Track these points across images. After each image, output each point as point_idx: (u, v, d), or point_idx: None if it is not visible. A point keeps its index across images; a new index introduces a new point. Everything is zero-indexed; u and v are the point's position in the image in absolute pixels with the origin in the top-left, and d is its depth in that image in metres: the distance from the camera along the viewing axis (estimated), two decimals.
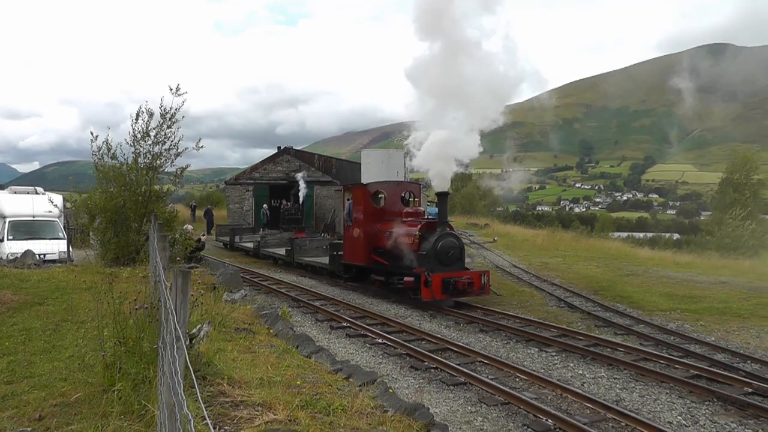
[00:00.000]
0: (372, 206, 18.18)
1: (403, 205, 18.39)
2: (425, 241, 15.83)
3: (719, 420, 7.93)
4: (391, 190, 18.75)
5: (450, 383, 9.22)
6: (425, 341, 11.93)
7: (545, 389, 9.11)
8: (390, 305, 16.18)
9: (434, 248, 15.50)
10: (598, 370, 10.10)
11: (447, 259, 15.63)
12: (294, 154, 45.45)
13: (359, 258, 18.07)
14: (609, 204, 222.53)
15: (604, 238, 41.73)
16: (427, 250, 15.58)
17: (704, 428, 7.71)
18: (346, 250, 18.96)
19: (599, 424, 7.74)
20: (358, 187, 18.95)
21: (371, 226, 17.80)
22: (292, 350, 8.83)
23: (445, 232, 15.95)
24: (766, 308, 14.56)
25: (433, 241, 15.57)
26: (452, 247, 15.82)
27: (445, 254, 15.62)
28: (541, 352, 11.30)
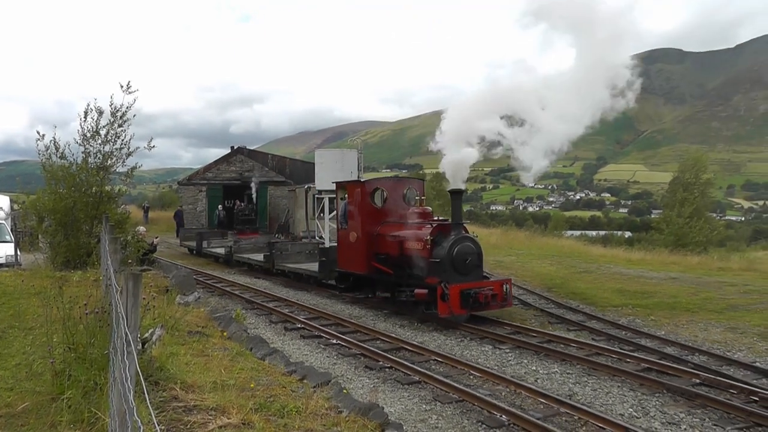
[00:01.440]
0: (371, 206, 16.01)
1: (405, 205, 16.25)
2: (438, 246, 13.77)
3: (668, 410, 8.16)
4: (392, 188, 16.54)
5: (405, 382, 9.28)
6: (380, 341, 11.98)
7: (499, 386, 9.22)
8: (344, 305, 16.19)
9: (449, 254, 13.47)
10: (552, 366, 10.26)
11: (464, 267, 13.63)
12: (247, 154, 45.15)
13: (357, 266, 15.93)
14: (562, 203, 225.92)
15: (557, 237, 42.33)
16: (441, 257, 13.52)
17: (654, 419, 7.91)
18: (341, 257, 16.72)
19: (553, 418, 7.87)
20: (353, 185, 16.62)
21: (370, 229, 15.66)
22: (246, 353, 8.79)
23: (461, 235, 13.94)
24: (713, 302, 14.92)
25: (447, 247, 13.53)
26: (470, 253, 13.79)
27: (462, 261, 13.61)
28: (495, 349, 11.42)
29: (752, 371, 9.86)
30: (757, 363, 10.27)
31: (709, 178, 47.21)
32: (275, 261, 21.50)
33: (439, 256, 13.60)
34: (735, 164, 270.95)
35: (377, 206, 16.24)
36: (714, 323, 13.17)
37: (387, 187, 16.48)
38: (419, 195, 16.38)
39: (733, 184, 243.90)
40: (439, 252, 13.69)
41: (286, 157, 50.57)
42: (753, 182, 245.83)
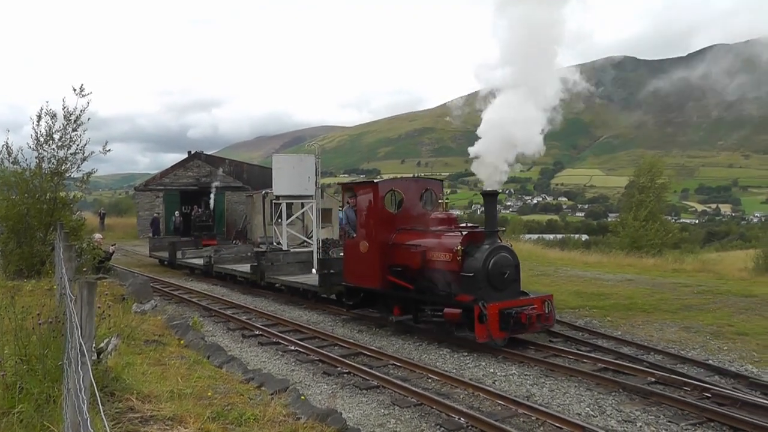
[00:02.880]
0: (385, 211, 14.02)
1: (423, 209, 14.46)
2: (470, 257, 11.84)
3: (624, 409, 8.32)
4: (409, 190, 14.51)
5: (363, 387, 9.29)
6: (338, 346, 11.98)
7: (458, 389, 9.29)
8: (302, 311, 16.10)
9: (485, 268, 11.61)
10: (510, 368, 10.36)
11: (501, 282, 11.79)
12: (205, 159, 44.89)
13: (369, 279, 13.95)
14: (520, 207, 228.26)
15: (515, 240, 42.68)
16: (474, 271, 11.65)
17: (611, 417, 8.06)
18: (349, 269, 14.68)
19: (511, 419, 7.96)
20: (363, 187, 14.56)
21: (385, 237, 13.62)
22: (204, 361, 8.76)
23: (496, 244, 12.05)
24: (668, 303, 15.21)
25: (482, 259, 11.67)
26: (508, 266, 11.92)
27: (499, 275, 11.75)
28: (453, 353, 11.49)
29: (705, 369, 10.09)
30: (710, 361, 10.52)
31: (663, 182, 48.19)
32: (265, 273, 19.10)
33: (473, 269, 11.71)
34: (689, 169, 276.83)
35: (392, 211, 14.26)
36: (669, 323, 13.43)
37: (402, 188, 14.51)
38: (438, 198, 14.60)
39: (687, 188, 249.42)
40: (471, 264, 11.77)
41: (244, 163, 50.43)
42: (706, 186, 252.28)
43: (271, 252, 20.73)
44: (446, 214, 13.68)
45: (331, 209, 37.74)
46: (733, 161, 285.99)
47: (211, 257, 23.26)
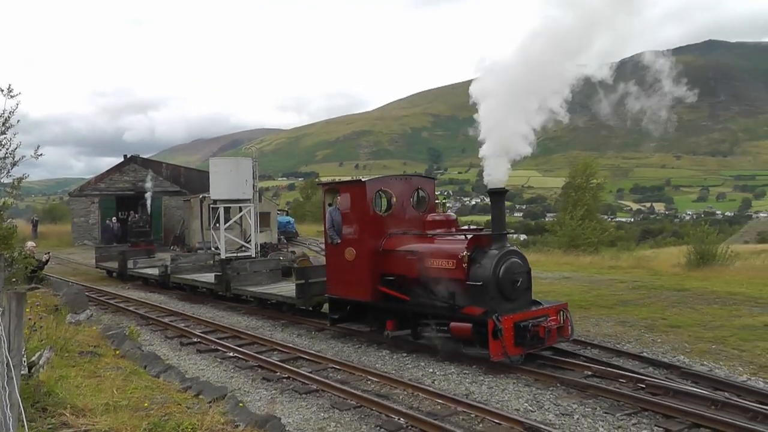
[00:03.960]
0: (374, 213, 12.64)
1: (415, 210, 13.27)
2: (477, 264, 10.55)
3: (562, 403, 8.50)
4: (400, 189, 13.09)
5: (302, 392, 9.29)
6: (277, 351, 11.94)
7: (397, 389, 9.35)
8: (241, 317, 15.99)
9: (495, 275, 10.36)
10: (448, 368, 10.46)
11: (513, 291, 10.61)
12: (141, 162, 44.19)
13: (357, 291, 12.52)
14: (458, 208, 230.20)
15: None
16: (483, 279, 10.37)
17: (549, 411, 8.24)
18: (333, 279, 13.20)
19: (450, 417, 8.06)
20: (349, 187, 13.09)
21: (374, 243, 12.31)
22: (140, 371, 8.67)
23: (506, 249, 10.76)
24: (604, 299, 15.59)
25: (492, 266, 10.38)
26: (519, 273, 10.71)
27: (511, 284, 10.55)
28: (393, 354, 11.55)
29: (640, 361, 10.38)
30: (644, 353, 10.83)
31: (599, 183, 49.44)
32: (231, 283, 17.53)
33: (481, 277, 10.42)
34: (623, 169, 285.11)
35: (383, 213, 12.97)
36: (605, 318, 13.79)
37: (393, 188, 13.07)
38: (431, 198, 13.52)
39: (622, 187, 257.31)
40: (479, 272, 10.49)
41: (181, 166, 49.83)
42: (640, 186, 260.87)
43: (238, 261, 18.87)
44: (444, 215, 12.53)
45: (269, 213, 37.54)
46: (666, 162, 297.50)
47: (167, 267, 21.56)
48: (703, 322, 12.65)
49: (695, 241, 23.46)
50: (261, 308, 16.39)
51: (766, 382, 9.25)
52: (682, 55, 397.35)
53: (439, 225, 12.18)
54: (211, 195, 27.06)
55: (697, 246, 22.80)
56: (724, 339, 11.39)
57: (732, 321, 12.40)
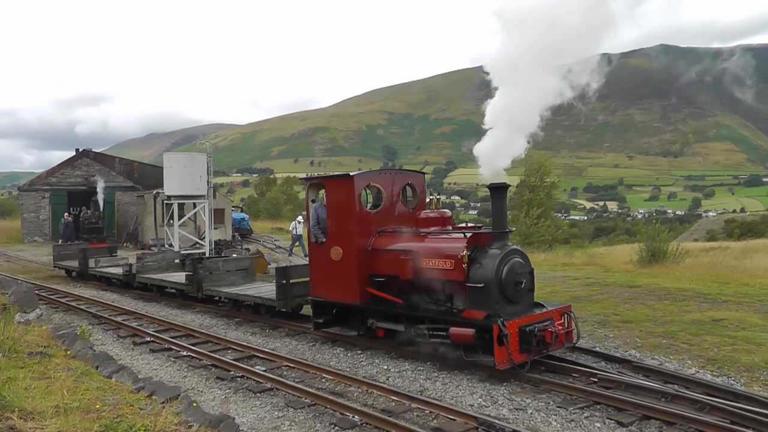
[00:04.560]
0: (363, 210, 11.81)
1: (404, 207, 12.49)
2: (477, 264, 9.86)
3: (516, 398, 8.64)
4: (389, 184, 12.21)
5: (257, 390, 9.28)
6: (231, 350, 11.89)
7: (352, 387, 9.40)
8: (195, 315, 15.87)
9: (497, 276, 9.67)
10: (403, 365, 10.51)
11: (515, 294, 9.95)
12: (93, 157, 43.50)
13: (344, 293, 11.75)
14: None
15: None
16: (485, 281, 9.66)
17: (503, 406, 8.35)
18: (317, 281, 12.34)
19: (404, 414, 8.13)
20: (336, 182, 12.16)
21: (363, 242, 11.56)
22: (92, 372, 8.57)
23: (508, 248, 10.04)
24: (558, 295, 15.74)
25: (494, 266, 9.68)
26: (522, 273, 10.04)
27: (514, 285, 9.88)
28: (347, 351, 11.58)
29: (592, 355, 10.57)
30: (597, 348, 11.05)
31: (553, 181, 50.20)
32: (203, 284, 16.42)
33: (482, 278, 9.71)
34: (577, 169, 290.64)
35: (372, 210, 12.06)
36: None
37: (383, 183, 12.17)
38: (421, 194, 12.77)
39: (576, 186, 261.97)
40: (480, 273, 9.79)
41: (135, 161, 49.20)
42: (593, 185, 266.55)
43: (210, 260, 17.66)
44: (439, 212, 11.67)
45: (223, 209, 37.31)
46: (619, 162, 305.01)
47: (131, 266, 20.35)
48: (654, 318, 12.91)
49: (647, 238, 23.99)
50: (236, 311, 15.58)
51: (713, 374, 9.56)
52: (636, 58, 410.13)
53: (434, 222, 11.40)
54: (165, 191, 26.88)
55: (648, 244, 23.30)
56: (674, 334, 11.64)
57: (682, 316, 12.71)
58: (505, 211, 10.42)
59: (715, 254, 27.72)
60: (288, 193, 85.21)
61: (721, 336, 11.21)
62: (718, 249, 33.84)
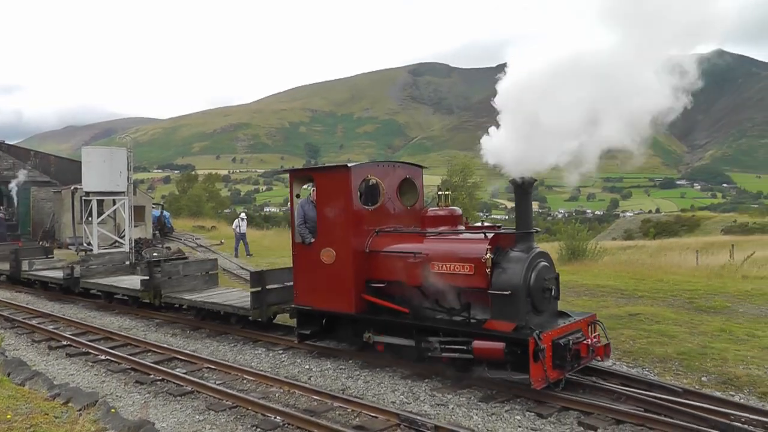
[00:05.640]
0: (360, 207, 10.44)
1: (401, 203, 11.16)
2: (500, 269, 8.71)
3: (437, 394, 8.80)
4: (386, 178, 10.87)
5: (177, 394, 9.18)
6: (151, 352, 11.71)
7: (274, 387, 9.40)
8: (114, 317, 15.50)
9: (525, 283, 8.58)
10: (325, 363, 10.56)
11: (542, 302, 8.93)
12: (7, 149, 41.91)
13: (337, 300, 10.39)
14: None
15: None
16: (512, 287, 8.52)
17: (424, 402, 8.51)
18: (304, 287, 10.94)
19: (326, 413, 8.19)
20: (329, 174, 10.86)
21: (359, 242, 10.25)
22: (3, 379, 8.36)
23: (535, 250, 8.98)
24: None
25: (522, 271, 8.59)
26: (550, 278, 9.08)
27: (542, 293, 8.88)
28: (269, 351, 11.54)
29: None
30: None
31: (475, 182, 50.96)
32: (162, 290, 14.68)
33: (508, 285, 8.56)
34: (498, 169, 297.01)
35: (369, 206, 10.64)
36: None
37: (380, 175, 10.80)
38: (419, 190, 11.55)
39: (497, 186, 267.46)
40: (505, 279, 8.63)
41: (51, 155, 47.60)
42: None
43: (169, 263, 15.53)
44: (448, 210, 10.37)
45: (144, 206, 36.55)
46: None
47: (73, 269, 18.20)
48: None
49: (567, 237, 24.75)
50: (200, 320, 14.04)
51: (629, 366, 10.00)
52: None
53: (443, 221, 10.14)
54: (84, 187, 26.19)
55: (568, 242, 24.03)
56: None
57: (600, 311, 13.09)
58: (531, 209, 9.25)
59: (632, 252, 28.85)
60: (210, 191, 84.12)
61: (637, 329, 11.66)
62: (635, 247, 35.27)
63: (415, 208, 11.19)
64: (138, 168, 74.86)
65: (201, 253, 29.73)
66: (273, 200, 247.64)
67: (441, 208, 10.37)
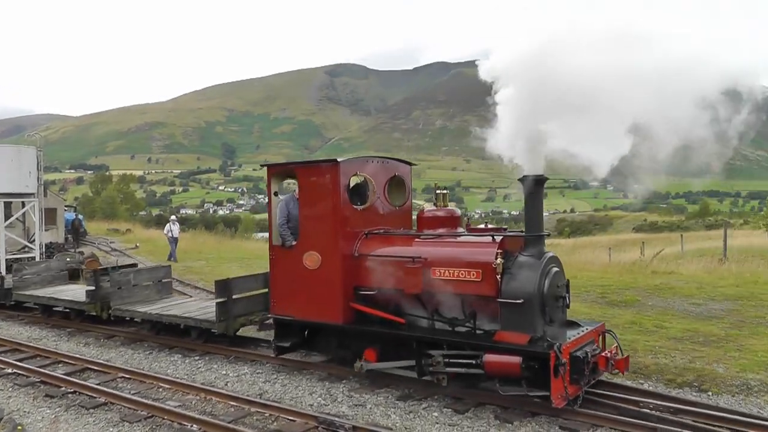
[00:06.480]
0: (349, 207, 9.48)
1: (389, 203, 10.26)
2: (510, 275, 8.00)
3: (355, 394, 8.91)
4: (376, 175, 9.98)
5: (90, 406, 8.92)
6: (62, 364, 11.31)
7: (190, 395, 9.28)
8: (22, 327, 14.80)
9: (540, 290, 7.89)
10: (242, 368, 10.50)
11: (555, 311, 8.24)
12: None
13: (322, 310, 9.41)
14: (253, 205, 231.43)
15: (247, 239, 43.31)
16: (525, 295, 7.83)
17: (342, 404, 8.59)
18: (284, 295, 9.92)
19: (244, 419, 8.15)
20: (317, 169, 9.71)
21: (348, 245, 9.34)
22: None
23: (547, 255, 8.27)
24: None
25: (536, 278, 7.90)
26: (562, 285, 8.41)
27: (555, 301, 8.21)
28: (185, 358, 11.38)
29: None
30: None
31: None
32: (111, 301, 13.22)
33: (521, 293, 7.86)
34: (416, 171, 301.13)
35: (359, 206, 9.69)
36: None
37: (370, 173, 9.88)
38: (408, 188, 10.79)
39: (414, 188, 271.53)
40: (516, 286, 7.93)
41: None
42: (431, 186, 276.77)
43: (118, 272, 13.95)
44: (447, 210, 9.57)
45: (55, 209, 35.30)
46: (456, 165, 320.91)
47: (3, 279, 16.48)
48: None
49: None
50: (154, 334, 12.79)
51: None
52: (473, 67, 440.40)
53: (441, 222, 9.36)
54: None
55: None
56: None
57: None
58: (542, 209, 8.43)
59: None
60: (125, 192, 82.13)
61: None
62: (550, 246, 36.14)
63: (404, 208, 10.54)
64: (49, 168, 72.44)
65: (115, 257, 28.92)
66: (189, 202, 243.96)
67: (439, 208, 9.59)
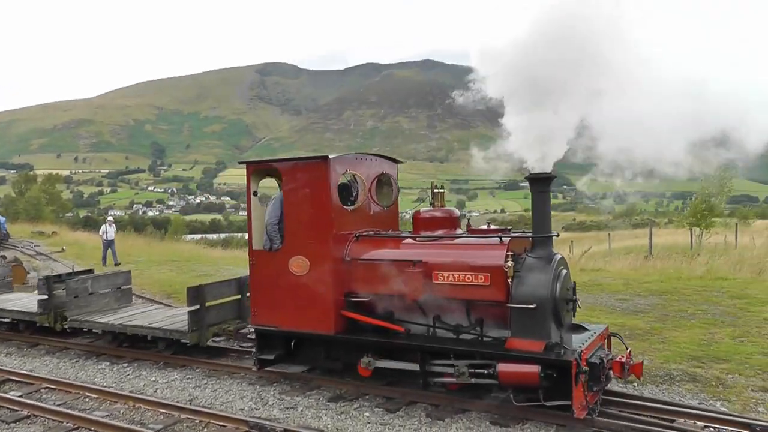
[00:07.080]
0: (339, 207, 8.81)
1: (377, 203, 9.54)
2: (520, 280, 7.55)
3: (286, 397, 8.86)
4: (367, 174, 9.42)
5: (11, 420, 8.48)
6: None
7: (118, 403, 9.02)
8: None
9: (552, 293, 7.44)
10: (171, 374, 10.29)
11: (566, 315, 7.84)
12: None
13: (312, 319, 8.72)
14: (183, 207, 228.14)
15: (177, 241, 42.58)
16: (538, 300, 7.38)
17: (273, 407, 8.51)
18: (268, 303, 9.13)
19: (173, 426, 8.01)
20: (304, 166, 8.93)
21: (338, 249, 8.68)
22: None
23: (557, 257, 7.81)
24: None
25: (548, 281, 7.45)
26: (571, 288, 8.06)
27: (566, 304, 7.80)
28: (113, 365, 11.03)
29: None
30: None
31: None
32: (66, 311, 12.03)
33: (533, 297, 7.41)
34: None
35: (350, 206, 9.08)
36: None
37: (361, 171, 9.28)
38: (395, 187, 10.08)
39: None
40: (527, 290, 7.47)
41: None
42: None
43: (75, 279, 12.44)
44: (445, 211, 8.99)
45: None
46: None
47: None
48: None
49: None
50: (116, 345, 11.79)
51: None
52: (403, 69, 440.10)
53: (440, 223, 8.78)
54: None
55: None
56: None
57: None
58: (549, 209, 7.92)
59: None
60: (50, 193, 79.57)
61: None
62: None
63: (392, 209, 9.99)
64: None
65: (40, 261, 27.89)
66: (118, 203, 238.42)
67: (436, 208, 9.00)
